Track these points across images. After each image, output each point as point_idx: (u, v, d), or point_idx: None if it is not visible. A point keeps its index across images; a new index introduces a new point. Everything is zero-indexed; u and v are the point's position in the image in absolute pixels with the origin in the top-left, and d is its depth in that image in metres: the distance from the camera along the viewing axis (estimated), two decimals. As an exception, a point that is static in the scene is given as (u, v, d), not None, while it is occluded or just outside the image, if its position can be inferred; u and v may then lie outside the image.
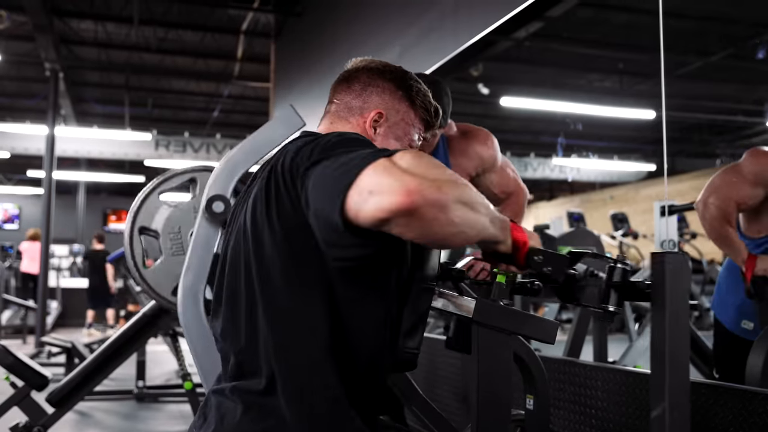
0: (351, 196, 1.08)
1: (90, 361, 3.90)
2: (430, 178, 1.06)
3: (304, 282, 1.27)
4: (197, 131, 14.85)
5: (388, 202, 1.04)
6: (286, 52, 8.55)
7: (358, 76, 1.53)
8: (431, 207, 1.04)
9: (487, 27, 3.75)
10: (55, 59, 9.47)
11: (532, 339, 1.55)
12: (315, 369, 1.26)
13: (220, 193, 1.93)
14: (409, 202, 1.03)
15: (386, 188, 1.05)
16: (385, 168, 1.08)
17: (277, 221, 1.29)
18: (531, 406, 1.79)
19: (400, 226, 1.07)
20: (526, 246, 1.34)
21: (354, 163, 1.11)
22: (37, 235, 11.82)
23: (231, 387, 1.34)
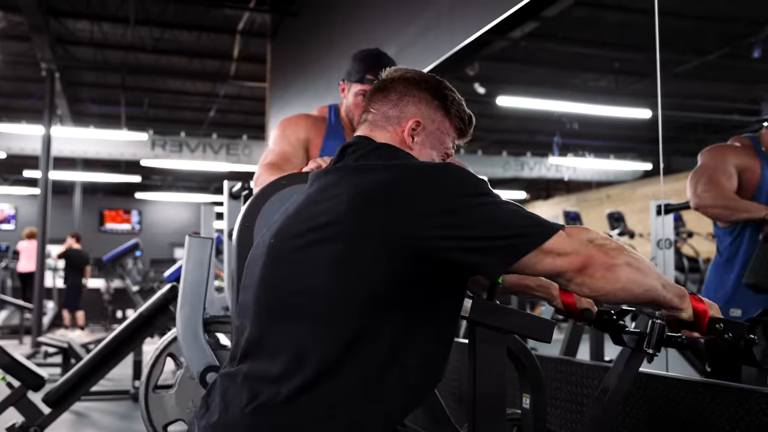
0: (537, 252, 1.30)
1: (86, 361, 3.89)
2: (605, 245, 1.33)
3: (359, 295, 1.30)
4: (193, 131, 14.83)
5: (568, 263, 1.31)
6: (282, 52, 8.55)
7: (394, 86, 1.56)
8: (599, 266, 1.31)
9: (483, 27, 3.75)
10: (51, 59, 9.46)
11: (529, 338, 1.56)
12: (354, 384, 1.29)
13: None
14: (580, 263, 1.31)
15: (568, 252, 1.31)
16: (566, 236, 1.32)
17: (381, 241, 1.30)
18: (527, 404, 1.79)
19: (572, 281, 1.32)
20: (707, 315, 1.46)
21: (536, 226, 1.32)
22: (33, 233, 11.80)
23: (243, 374, 1.34)
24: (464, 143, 1.68)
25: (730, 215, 2.70)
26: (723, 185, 2.68)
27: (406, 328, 1.32)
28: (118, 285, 11.84)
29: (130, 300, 9.92)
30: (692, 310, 1.46)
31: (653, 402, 2.03)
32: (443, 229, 1.28)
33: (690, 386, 1.92)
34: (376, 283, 1.29)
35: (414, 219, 1.29)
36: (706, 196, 2.71)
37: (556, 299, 1.77)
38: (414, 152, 1.52)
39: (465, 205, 1.30)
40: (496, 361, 1.46)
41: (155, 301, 4.27)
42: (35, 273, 9.68)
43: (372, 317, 1.29)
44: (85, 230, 19.12)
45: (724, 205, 2.69)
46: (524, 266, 1.32)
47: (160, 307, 4.25)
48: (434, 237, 1.28)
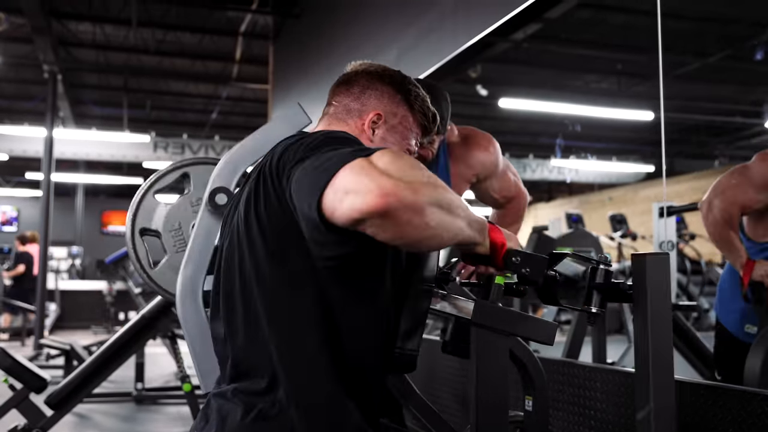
0: (327, 194, 1.08)
1: (89, 363, 3.89)
2: (406, 179, 1.06)
3: (295, 282, 1.28)
4: (196, 133, 14.85)
5: (362, 203, 1.04)
6: (285, 54, 8.55)
7: (357, 79, 1.53)
8: (406, 209, 1.05)
9: (486, 28, 3.75)
10: (53, 61, 9.47)
11: (531, 340, 1.55)
12: (312, 368, 1.26)
13: (223, 185, 1.93)
14: (384, 204, 1.03)
15: (362, 188, 1.05)
16: (362, 167, 1.08)
17: (267, 220, 1.30)
18: (530, 407, 1.79)
19: (374, 227, 1.06)
20: (504, 247, 1.34)
21: (333, 161, 1.11)
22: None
23: (232, 389, 1.34)
24: (427, 141, 1.65)
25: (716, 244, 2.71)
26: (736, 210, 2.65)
27: (328, 306, 1.28)
28: (120, 287, 11.83)
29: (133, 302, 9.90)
30: (489, 242, 1.32)
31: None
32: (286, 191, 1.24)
33: (692, 389, 1.91)
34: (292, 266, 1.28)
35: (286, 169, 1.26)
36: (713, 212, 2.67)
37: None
38: (374, 145, 1.48)
39: (311, 155, 1.22)
40: (498, 364, 1.46)
41: (158, 303, 4.26)
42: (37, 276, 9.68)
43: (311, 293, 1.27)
44: (87, 232, 19.16)
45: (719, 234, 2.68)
46: (330, 216, 1.09)
47: (163, 309, 4.25)
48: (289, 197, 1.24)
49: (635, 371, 1.46)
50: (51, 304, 12.01)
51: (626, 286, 1.47)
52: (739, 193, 2.67)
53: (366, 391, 1.33)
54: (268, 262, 1.30)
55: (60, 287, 12.95)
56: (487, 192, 2.74)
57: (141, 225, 2.20)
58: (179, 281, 1.96)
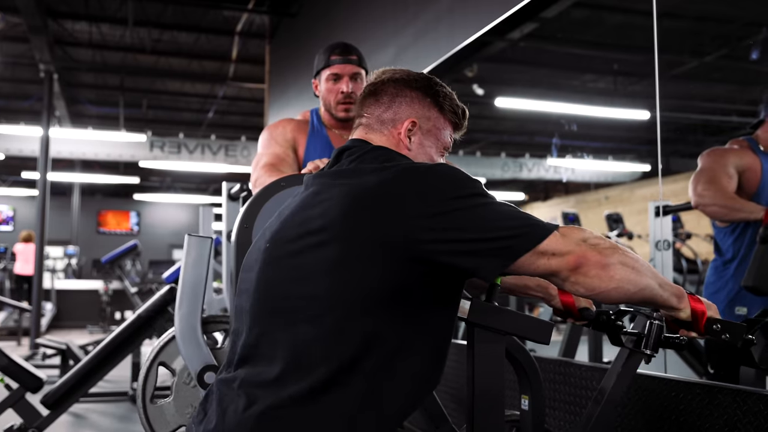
0: (532, 253, 1.30)
1: (85, 362, 3.89)
2: (598, 244, 1.33)
3: (354, 298, 1.29)
4: (192, 132, 14.84)
5: (563, 263, 1.31)
6: (281, 53, 8.55)
7: (384, 88, 1.55)
8: (593, 265, 1.31)
9: (482, 28, 3.75)
10: (49, 60, 9.45)
11: (527, 339, 1.55)
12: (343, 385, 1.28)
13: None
14: (575, 262, 1.31)
15: (563, 252, 1.31)
16: (560, 237, 1.33)
17: (379, 245, 1.29)
18: (526, 406, 1.79)
19: (567, 280, 1.33)
20: (705, 316, 1.46)
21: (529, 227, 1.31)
22: (30, 236, 11.80)
23: (240, 380, 1.33)
24: (461, 136, 1.68)
25: (728, 213, 2.75)
26: (723, 185, 2.73)
27: (402, 332, 1.31)
28: (116, 286, 11.83)
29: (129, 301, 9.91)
30: (690, 310, 1.45)
31: (651, 403, 2.03)
32: (435, 232, 1.28)
33: (688, 387, 1.91)
34: (371, 286, 1.28)
35: (405, 221, 1.28)
36: (706, 194, 2.75)
37: (554, 299, 1.77)
38: (412, 152, 1.52)
39: (457, 207, 1.29)
40: (494, 363, 1.46)
41: (154, 302, 4.26)
42: (32, 275, 9.67)
43: (368, 322, 1.28)
44: (83, 231, 19.14)
45: (723, 203, 2.73)
46: (519, 267, 1.32)
47: (159, 308, 4.25)
48: (426, 240, 1.28)
49: None
50: (47, 304, 11.99)
51: None
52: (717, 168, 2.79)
53: None
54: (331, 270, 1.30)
55: (56, 287, 12.94)
56: None
57: (163, 359, 2.27)
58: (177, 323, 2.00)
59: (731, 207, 2.73)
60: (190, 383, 2.22)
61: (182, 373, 2.22)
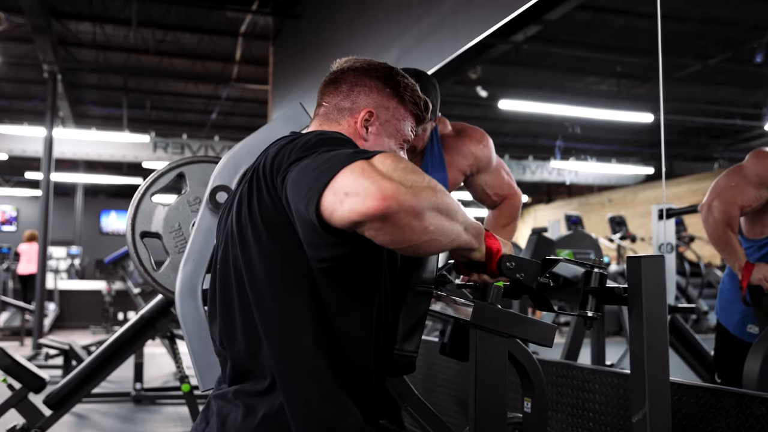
0: (326, 196, 1.07)
1: (87, 363, 3.90)
2: (407, 183, 1.06)
3: (289, 284, 1.27)
4: (195, 133, 14.85)
5: (362, 205, 1.03)
6: (285, 55, 8.55)
7: (344, 76, 1.51)
8: (406, 213, 1.04)
9: (486, 30, 3.75)
10: (53, 61, 9.47)
11: (530, 342, 1.55)
12: (308, 370, 1.25)
13: (224, 184, 1.92)
14: (384, 207, 1.02)
15: (362, 191, 1.04)
16: (363, 170, 1.06)
17: (261, 222, 1.29)
18: (528, 409, 1.79)
19: (372, 230, 1.06)
20: (499, 253, 1.35)
21: (332, 163, 1.10)
22: (34, 236, 11.81)
23: (233, 391, 1.33)
24: (422, 129, 1.64)
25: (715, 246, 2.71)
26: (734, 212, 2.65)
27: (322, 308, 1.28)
28: (119, 287, 11.83)
29: (132, 302, 9.90)
30: (485, 248, 1.34)
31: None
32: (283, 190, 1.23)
33: (690, 391, 1.91)
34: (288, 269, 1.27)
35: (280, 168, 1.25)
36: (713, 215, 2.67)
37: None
38: (369, 143, 1.48)
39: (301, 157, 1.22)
40: (497, 365, 1.46)
41: (157, 303, 4.27)
42: (35, 275, 9.68)
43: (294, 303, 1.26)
44: (86, 232, 19.16)
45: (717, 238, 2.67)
46: (329, 218, 1.08)
47: (162, 309, 4.25)
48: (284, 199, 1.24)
49: (630, 373, 1.46)
50: (50, 304, 12.00)
51: (621, 289, 1.47)
52: (738, 193, 2.67)
53: (365, 393, 1.32)
54: (261, 263, 1.29)
55: (59, 287, 12.95)
56: (481, 188, 2.76)
57: (141, 228, 2.20)
58: (178, 279, 1.96)
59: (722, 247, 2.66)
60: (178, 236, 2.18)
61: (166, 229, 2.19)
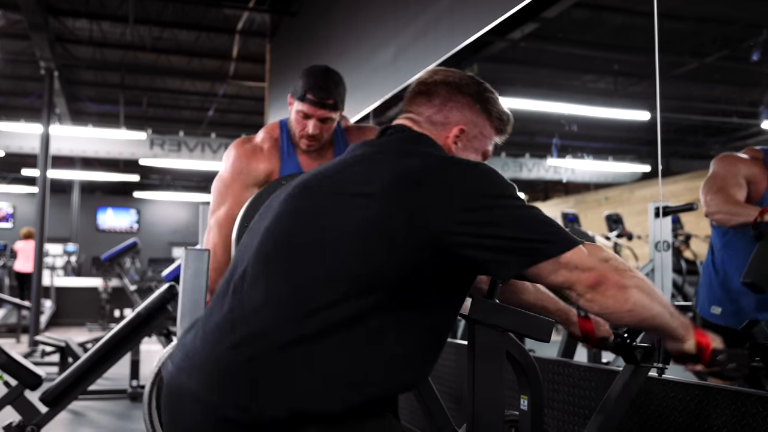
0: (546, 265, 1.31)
1: (84, 360, 3.89)
2: (619, 267, 1.35)
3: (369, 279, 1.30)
4: (192, 130, 14.83)
5: (584, 278, 1.32)
6: (281, 52, 8.55)
7: (437, 90, 1.57)
8: (612, 285, 1.32)
9: (483, 28, 3.75)
10: (50, 58, 9.45)
11: (528, 337, 1.56)
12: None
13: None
14: (594, 280, 1.32)
15: (586, 267, 1.32)
16: (587, 253, 1.34)
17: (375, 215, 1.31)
18: (525, 406, 1.79)
19: (583, 296, 1.33)
20: (710, 348, 1.48)
21: (560, 237, 1.33)
22: (31, 233, 11.79)
23: (227, 316, 1.32)
24: (501, 141, 1.71)
25: (730, 219, 2.77)
26: (730, 193, 2.76)
27: (404, 312, 1.31)
28: (115, 284, 11.83)
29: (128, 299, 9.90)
30: (695, 342, 1.47)
31: (649, 404, 2.03)
32: (467, 226, 1.29)
33: (686, 389, 1.92)
34: (390, 260, 1.29)
35: (440, 210, 1.30)
36: (712, 203, 2.80)
37: (573, 325, 1.79)
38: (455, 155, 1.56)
39: (493, 205, 1.32)
40: (495, 361, 1.46)
41: (153, 300, 4.26)
42: (32, 272, 9.67)
43: (375, 292, 1.28)
44: (82, 229, 19.13)
45: (726, 210, 2.77)
46: (538, 274, 1.33)
47: (158, 306, 4.25)
48: (456, 232, 1.29)
49: None
50: (46, 301, 12.00)
51: None
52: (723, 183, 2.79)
53: None
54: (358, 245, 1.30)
55: (55, 284, 12.95)
56: None
57: None
58: (179, 332, 2.00)
59: (733, 213, 2.76)
60: None
61: None
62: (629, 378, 1.67)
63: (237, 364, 1.26)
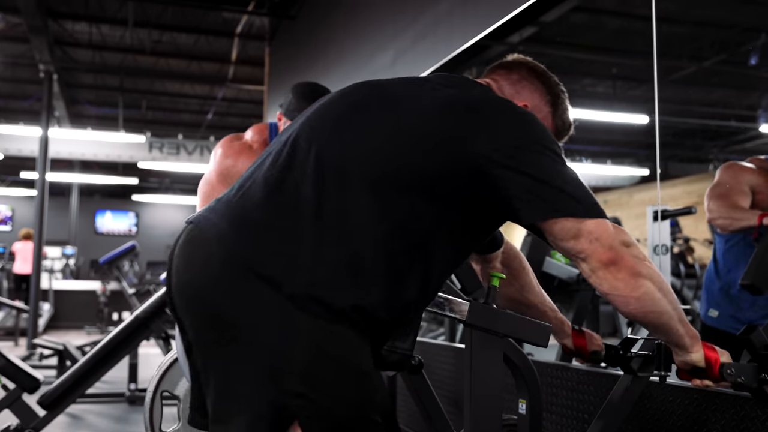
0: (569, 224, 1.31)
1: (82, 363, 3.89)
2: (638, 255, 1.33)
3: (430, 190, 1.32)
4: (191, 134, 14.83)
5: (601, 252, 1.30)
6: (281, 55, 8.55)
7: (519, 68, 1.64)
8: (626, 269, 1.31)
9: (481, 32, 3.76)
10: (49, 61, 9.45)
11: (526, 342, 1.56)
12: None
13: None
14: (611, 258, 1.31)
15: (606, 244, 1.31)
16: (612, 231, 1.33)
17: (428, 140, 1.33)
18: (523, 410, 1.79)
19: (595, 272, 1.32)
20: (719, 362, 1.48)
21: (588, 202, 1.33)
22: (30, 234, 11.79)
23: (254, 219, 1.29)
24: None
25: (732, 224, 2.80)
26: (732, 200, 2.79)
27: (441, 233, 1.33)
28: (114, 287, 11.82)
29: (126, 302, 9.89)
30: (703, 354, 1.47)
31: (649, 408, 2.03)
32: (509, 159, 1.31)
33: (686, 393, 1.92)
34: (428, 163, 1.31)
35: (492, 136, 1.32)
36: (714, 209, 2.84)
37: (567, 338, 1.81)
38: None
39: (540, 152, 1.34)
40: (492, 365, 1.46)
41: (151, 303, 4.26)
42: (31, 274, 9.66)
43: (409, 192, 1.30)
44: (81, 232, 19.12)
45: (727, 215, 2.81)
46: (558, 230, 1.32)
47: (157, 309, 4.24)
48: (498, 160, 1.31)
49: None
50: (44, 304, 11.98)
51: None
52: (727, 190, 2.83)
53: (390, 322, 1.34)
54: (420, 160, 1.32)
55: (54, 287, 12.92)
56: None
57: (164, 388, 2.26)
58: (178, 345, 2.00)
59: (733, 218, 2.79)
60: None
61: (186, 398, 2.22)
62: (630, 385, 1.67)
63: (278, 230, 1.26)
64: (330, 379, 1.22)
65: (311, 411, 1.22)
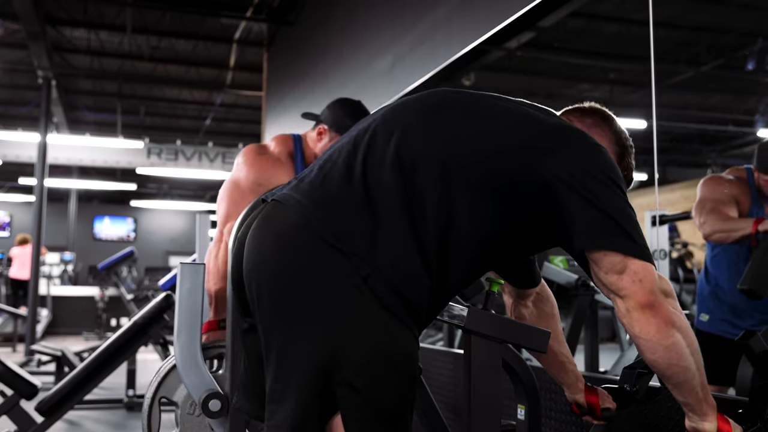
0: (614, 258, 1.33)
1: (80, 369, 3.88)
2: (676, 307, 1.40)
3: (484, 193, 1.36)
4: (189, 139, 14.83)
5: (641, 295, 1.32)
6: (279, 61, 8.56)
7: (593, 114, 1.70)
8: (661, 317, 1.33)
9: (479, 37, 3.76)
10: (47, 67, 9.46)
11: (524, 347, 1.56)
12: None
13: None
14: (650, 302, 1.33)
15: (648, 287, 1.33)
16: (655, 278, 1.35)
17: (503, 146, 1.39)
18: (522, 415, 1.79)
19: (630, 312, 1.34)
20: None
21: (637, 242, 1.35)
22: (27, 239, 11.77)
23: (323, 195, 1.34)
24: None
25: (728, 236, 2.84)
26: (723, 211, 2.82)
27: (492, 237, 1.38)
28: (112, 293, 11.80)
29: (125, 308, 9.88)
30: (717, 427, 1.46)
31: (648, 411, 2.03)
32: (577, 184, 1.34)
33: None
34: (505, 183, 1.36)
35: (564, 160, 1.36)
36: (706, 224, 2.86)
37: (579, 394, 1.78)
38: None
39: (607, 184, 1.37)
40: (491, 371, 1.46)
41: (150, 309, 4.26)
42: (28, 279, 9.65)
43: (483, 208, 1.35)
44: (79, 238, 19.10)
45: (721, 228, 2.83)
46: (606, 263, 1.35)
47: (155, 315, 4.24)
48: (565, 181, 1.34)
49: None
50: (43, 310, 11.96)
51: None
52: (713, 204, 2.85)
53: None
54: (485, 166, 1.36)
55: (52, 293, 12.90)
56: None
57: (163, 394, 2.26)
58: (177, 352, 1.99)
59: (731, 229, 2.82)
60: (194, 413, 2.21)
61: (185, 404, 2.22)
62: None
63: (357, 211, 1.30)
64: (385, 377, 1.25)
65: (357, 404, 1.24)
